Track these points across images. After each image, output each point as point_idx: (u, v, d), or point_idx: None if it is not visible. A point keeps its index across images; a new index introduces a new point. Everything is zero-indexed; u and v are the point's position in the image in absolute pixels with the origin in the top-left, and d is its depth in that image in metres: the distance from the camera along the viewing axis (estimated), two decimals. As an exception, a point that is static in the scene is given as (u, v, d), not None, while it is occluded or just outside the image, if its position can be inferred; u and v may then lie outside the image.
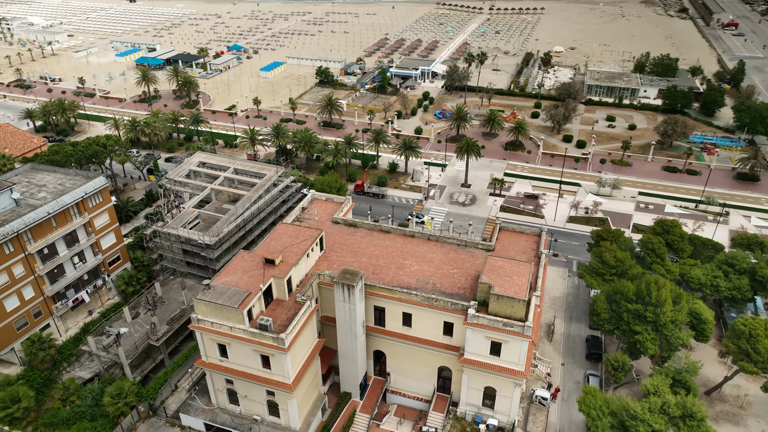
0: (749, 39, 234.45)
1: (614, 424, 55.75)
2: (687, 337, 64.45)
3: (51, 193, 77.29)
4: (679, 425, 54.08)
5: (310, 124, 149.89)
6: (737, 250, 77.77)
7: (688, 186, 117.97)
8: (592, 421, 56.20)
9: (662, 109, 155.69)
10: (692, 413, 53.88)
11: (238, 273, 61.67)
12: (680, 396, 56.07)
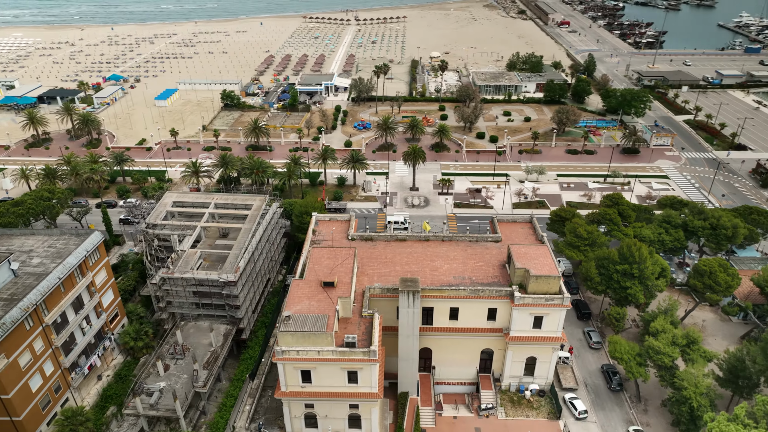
0: (582, 34, 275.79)
1: (641, 362, 68.99)
2: (663, 284, 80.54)
3: (47, 257, 71.09)
4: (687, 351, 68.74)
5: (236, 150, 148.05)
6: (666, 209, 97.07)
7: (590, 164, 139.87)
8: (625, 363, 68.77)
9: (544, 100, 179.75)
10: (694, 339, 68.91)
11: (304, 300, 64.10)
12: (680, 329, 71.07)
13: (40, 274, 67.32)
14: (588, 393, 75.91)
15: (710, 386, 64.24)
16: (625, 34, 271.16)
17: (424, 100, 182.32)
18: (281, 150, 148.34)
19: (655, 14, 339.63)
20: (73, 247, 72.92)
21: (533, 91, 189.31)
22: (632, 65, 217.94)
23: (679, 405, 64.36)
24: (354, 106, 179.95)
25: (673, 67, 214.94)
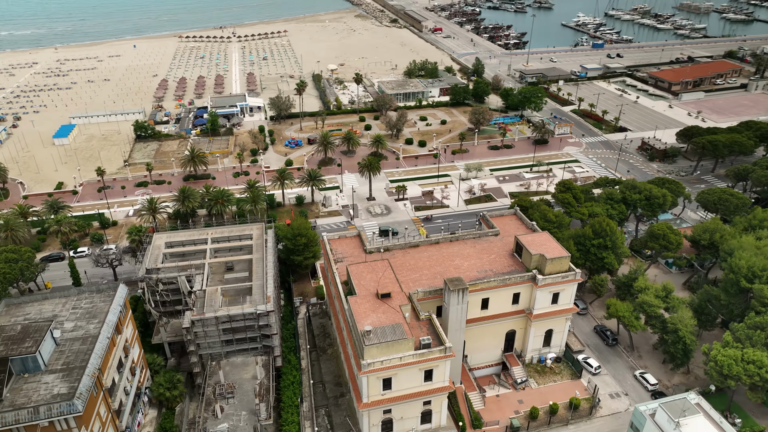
0: (456, 39, 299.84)
1: (637, 315, 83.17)
2: (627, 251, 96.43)
3: (79, 319, 66.38)
4: (666, 300, 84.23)
5: (173, 182, 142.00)
6: (604, 189, 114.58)
7: (512, 157, 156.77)
8: (626, 319, 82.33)
9: (450, 103, 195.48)
10: (670, 291, 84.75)
11: (370, 314, 68.14)
12: (660, 284, 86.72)
13: (85, 338, 63.23)
14: (592, 352, 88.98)
15: (695, 325, 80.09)
16: (493, 37, 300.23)
17: (343, 112, 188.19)
18: (221, 176, 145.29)
19: (506, 17, 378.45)
20: (102, 304, 68.91)
21: (438, 96, 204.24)
22: (510, 65, 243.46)
23: (674, 344, 79.23)
24: (275, 124, 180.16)
25: (547, 65, 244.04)
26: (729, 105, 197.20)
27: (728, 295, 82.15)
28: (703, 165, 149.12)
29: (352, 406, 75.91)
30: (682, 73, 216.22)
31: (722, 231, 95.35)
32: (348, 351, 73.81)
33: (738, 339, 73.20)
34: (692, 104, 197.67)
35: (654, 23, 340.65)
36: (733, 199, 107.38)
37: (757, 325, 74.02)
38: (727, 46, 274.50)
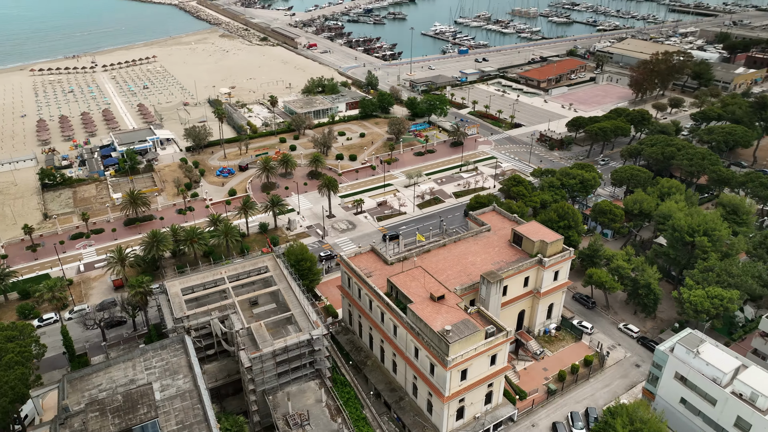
0: (334, 53, 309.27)
1: (615, 277, 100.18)
2: (584, 228, 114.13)
3: (163, 377, 63.75)
4: (631, 262, 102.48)
5: (111, 226, 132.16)
6: (542, 178, 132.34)
7: (437, 160, 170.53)
8: (607, 282, 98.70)
9: (360, 116, 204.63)
10: (631, 254, 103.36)
11: (437, 316, 75.03)
12: (623, 250, 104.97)
13: (182, 394, 61.49)
14: (578, 316, 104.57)
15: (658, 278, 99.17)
16: (368, 50, 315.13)
17: (261, 135, 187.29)
18: (167, 214, 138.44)
19: (366, 29, 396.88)
20: (175, 359, 66.86)
21: (345, 111, 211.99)
22: (399, 75, 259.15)
23: (647, 296, 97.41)
24: (195, 155, 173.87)
25: (430, 73, 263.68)
26: (588, 96, 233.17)
27: (675, 250, 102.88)
28: (594, 149, 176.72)
29: (415, 406, 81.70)
30: (545, 72, 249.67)
31: (647, 200, 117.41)
32: (407, 355, 79.69)
33: (697, 281, 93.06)
34: (561, 98, 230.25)
35: (500, 29, 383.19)
36: (641, 174, 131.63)
37: (707, 269, 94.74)
38: (565, 45, 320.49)
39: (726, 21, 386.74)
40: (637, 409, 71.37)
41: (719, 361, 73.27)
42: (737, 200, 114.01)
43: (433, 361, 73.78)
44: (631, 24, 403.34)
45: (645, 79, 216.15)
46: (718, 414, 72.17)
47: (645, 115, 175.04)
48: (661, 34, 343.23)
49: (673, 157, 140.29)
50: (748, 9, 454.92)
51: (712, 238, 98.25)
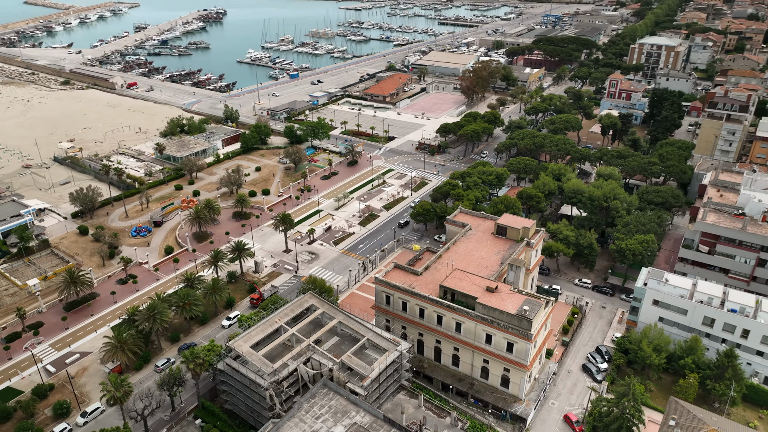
0: (162, 90, 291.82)
1: (565, 245, 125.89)
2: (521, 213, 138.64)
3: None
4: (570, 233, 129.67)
5: (51, 315, 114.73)
6: (467, 178, 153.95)
7: (345, 181, 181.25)
8: (562, 251, 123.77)
9: (242, 151, 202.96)
10: (567, 225, 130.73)
11: (503, 302, 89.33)
12: (561, 224, 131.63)
13: (372, 425, 65.42)
14: (544, 283, 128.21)
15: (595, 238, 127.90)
16: (198, 83, 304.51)
17: (153, 185, 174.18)
18: (107, 288, 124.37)
19: (172, 61, 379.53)
20: (334, 401, 69.14)
21: (222, 147, 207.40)
22: (255, 105, 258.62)
23: (590, 254, 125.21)
24: (88, 220, 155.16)
25: (281, 100, 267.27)
26: (429, 104, 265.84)
27: (595, 215, 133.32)
28: (467, 149, 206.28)
29: (488, 387, 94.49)
30: (386, 87, 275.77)
31: (549, 182, 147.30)
32: (476, 344, 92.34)
33: (623, 234, 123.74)
34: (408, 109, 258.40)
35: (311, 51, 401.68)
36: (531, 163, 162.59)
37: (625, 224, 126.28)
38: (381, 61, 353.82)
39: (488, 30, 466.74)
40: (647, 332, 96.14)
41: (681, 283, 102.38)
42: (611, 170, 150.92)
43: (512, 339, 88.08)
44: (413, 37, 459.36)
45: (474, 85, 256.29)
46: (689, 320, 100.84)
47: (497, 115, 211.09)
48: (450, 45, 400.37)
49: (543, 146, 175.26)
50: (494, 19, 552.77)
51: (621, 201, 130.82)
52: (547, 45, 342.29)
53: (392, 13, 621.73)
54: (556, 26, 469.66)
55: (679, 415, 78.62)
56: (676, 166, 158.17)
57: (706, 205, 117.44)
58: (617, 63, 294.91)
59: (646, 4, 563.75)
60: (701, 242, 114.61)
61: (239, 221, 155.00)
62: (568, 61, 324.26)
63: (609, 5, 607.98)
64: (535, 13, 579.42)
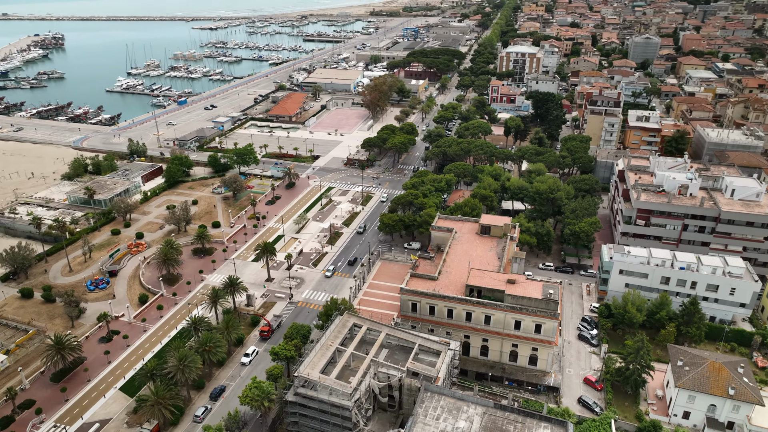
0: (36, 130, 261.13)
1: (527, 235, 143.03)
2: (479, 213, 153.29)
3: None
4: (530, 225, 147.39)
5: (39, 390, 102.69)
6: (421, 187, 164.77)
7: (291, 204, 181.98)
8: (529, 238, 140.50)
9: (169, 185, 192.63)
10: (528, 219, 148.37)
11: (526, 291, 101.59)
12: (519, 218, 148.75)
13: None
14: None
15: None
16: (76, 117, 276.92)
17: (84, 233, 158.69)
18: (91, 350, 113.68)
19: (23, 94, 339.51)
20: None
21: (142, 184, 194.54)
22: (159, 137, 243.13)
23: (547, 241, 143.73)
24: (23, 282, 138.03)
25: (179, 129, 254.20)
26: (336, 121, 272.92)
27: (542, 206, 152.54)
28: (395, 160, 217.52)
29: (518, 368, 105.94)
30: (289, 108, 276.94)
31: (493, 183, 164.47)
32: (505, 332, 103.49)
33: (572, 219, 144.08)
34: (318, 126, 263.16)
35: (187, 74, 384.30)
36: (468, 167, 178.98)
37: (572, 210, 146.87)
38: (266, 81, 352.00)
39: (357, 45, 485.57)
40: (627, 297, 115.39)
41: (639, 253, 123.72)
42: (538, 165, 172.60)
43: (540, 321, 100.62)
44: (286, 55, 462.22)
45: (377, 99, 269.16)
46: (650, 282, 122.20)
47: (413, 126, 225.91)
48: (328, 61, 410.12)
49: (470, 150, 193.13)
50: (356, 34, 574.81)
51: (563, 192, 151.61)
52: (421, 57, 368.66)
53: (252, 32, 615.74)
54: (417, 38, 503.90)
55: (682, 357, 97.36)
56: (584, 157, 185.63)
57: (635, 187, 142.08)
58: (492, 71, 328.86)
59: (486, 15, 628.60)
60: (638, 217, 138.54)
61: (202, 257, 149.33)
62: (446, 71, 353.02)
63: (453, 17, 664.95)
64: (389, 26, 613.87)
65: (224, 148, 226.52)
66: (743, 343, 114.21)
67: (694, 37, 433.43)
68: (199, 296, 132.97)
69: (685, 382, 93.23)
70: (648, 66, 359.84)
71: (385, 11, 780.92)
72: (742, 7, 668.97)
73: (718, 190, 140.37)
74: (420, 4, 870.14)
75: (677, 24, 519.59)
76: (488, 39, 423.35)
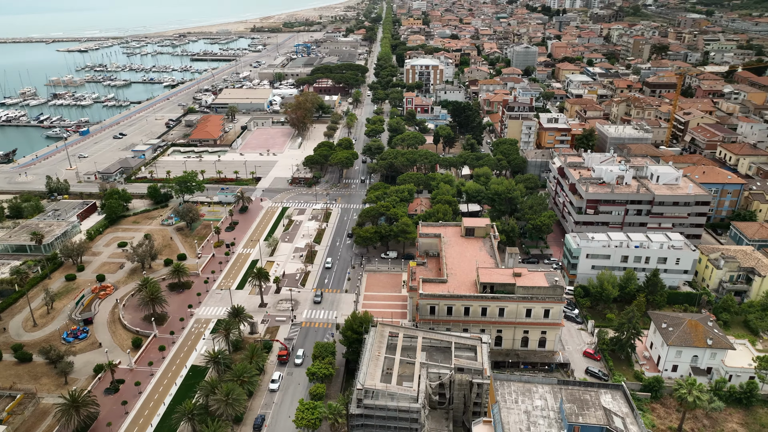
0: None
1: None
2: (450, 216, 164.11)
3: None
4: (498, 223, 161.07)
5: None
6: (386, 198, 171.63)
7: (251, 228, 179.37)
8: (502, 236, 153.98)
9: (109, 222, 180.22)
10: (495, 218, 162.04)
11: (532, 281, 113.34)
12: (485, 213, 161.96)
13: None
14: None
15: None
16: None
17: (34, 283, 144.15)
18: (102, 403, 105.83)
19: None
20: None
21: (78, 222, 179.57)
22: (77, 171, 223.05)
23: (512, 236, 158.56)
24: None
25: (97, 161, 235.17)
26: (263, 140, 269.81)
27: (501, 205, 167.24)
28: (340, 175, 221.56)
29: (529, 351, 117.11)
30: (211, 131, 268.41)
31: (449, 188, 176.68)
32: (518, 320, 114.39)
33: (531, 215, 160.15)
34: (247, 147, 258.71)
35: (74, 102, 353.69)
36: (422, 176, 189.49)
37: (530, 207, 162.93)
38: (169, 105, 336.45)
39: (252, 63, 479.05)
40: (602, 276, 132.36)
41: (601, 237, 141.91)
42: (485, 170, 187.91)
43: (549, 306, 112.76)
44: (180, 77, 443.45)
45: (303, 117, 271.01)
46: (612, 261, 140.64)
47: (350, 141, 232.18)
48: (228, 81, 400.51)
49: (416, 160, 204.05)
50: (245, 52, 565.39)
51: (517, 191, 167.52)
52: (328, 73, 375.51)
53: (129, 53, 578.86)
54: (311, 54, 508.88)
55: (665, 320, 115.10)
56: (517, 158, 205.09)
57: (581, 181, 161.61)
58: (399, 83, 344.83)
59: (370, 30, 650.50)
60: (587, 207, 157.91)
61: (180, 292, 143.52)
62: (354, 85, 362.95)
63: (337, 32, 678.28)
64: (276, 43, 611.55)
65: (156, 178, 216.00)
66: (691, 303, 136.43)
67: (561, 45, 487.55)
68: (195, 331, 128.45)
69: (673, 340, 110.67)
70: (531, 72, 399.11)
71: (266, 27, 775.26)
72: (587, 17, 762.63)
73: (645, 177, 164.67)
74: (299, 19, 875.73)
75: (542, 33, 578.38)
76: (385, 53, 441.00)
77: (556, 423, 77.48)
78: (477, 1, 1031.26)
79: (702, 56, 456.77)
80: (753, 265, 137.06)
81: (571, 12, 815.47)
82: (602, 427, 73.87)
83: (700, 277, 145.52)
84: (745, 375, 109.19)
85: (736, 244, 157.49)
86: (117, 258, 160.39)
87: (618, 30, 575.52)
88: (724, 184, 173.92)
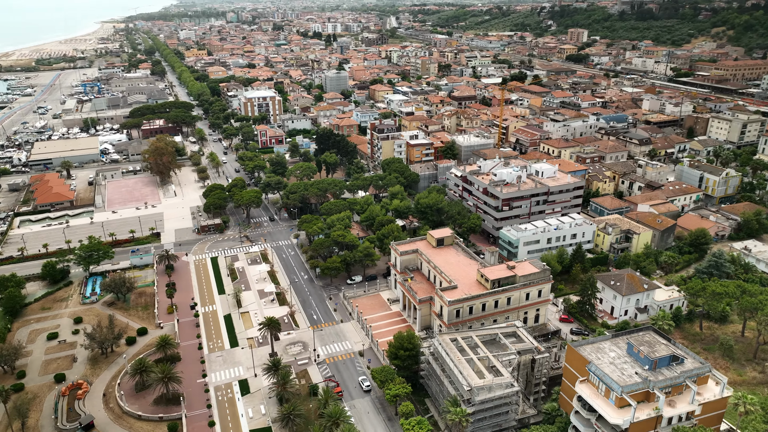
0: None
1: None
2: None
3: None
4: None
5: None
6: (337, 232, 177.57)
7: (191, 282, 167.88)
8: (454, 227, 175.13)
9: (9, 318, 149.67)
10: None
11: (527, 270, 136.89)
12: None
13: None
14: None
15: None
16: None
17: None
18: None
19: None
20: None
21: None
22: None
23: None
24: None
25: None
26: (125, 194, 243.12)
27: (432, 216, 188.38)
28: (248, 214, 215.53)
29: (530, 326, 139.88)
30: (61, 192, 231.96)
31: (375, 209, 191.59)
32: (521, 304, 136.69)
33: (461, 220, 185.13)
34: (116, 204, 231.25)
35: None
36: (344, 202, 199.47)
37: (458, 212, 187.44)
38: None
39: (33, 110, 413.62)
40: (546, 257, 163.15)
41: (530, 227, 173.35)
42: (397, 188, 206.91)
43: (541, 287, 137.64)
44: None
45: (168, 162, 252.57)
46: (541, 245, 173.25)
47: (243, 180, 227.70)
48: (22, 132, 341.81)
49: (327, 189, 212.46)
50: (16, 97, 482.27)
51: (444, 202, 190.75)
52: (150, 114, 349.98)
53: None
54: (103, 93, 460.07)
55: (612, 278, 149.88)
56: (411, 174, 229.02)
57: (493, 185, 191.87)
58: (245, 116, 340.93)
59: (156, 63, 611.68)
60: (503, 205, 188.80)
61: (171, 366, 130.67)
62: (187, 124, 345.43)
63: (113, 68, 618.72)
64: (43, 84, 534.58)
65: (28, 254, 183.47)
66: (603, 264, 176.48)
67: (359, 69, 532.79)
68: (223, 398, 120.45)
69: (625, 290, 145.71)
70: (349, 96, 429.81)
71: (17, 67, 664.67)
72: (359, 41, 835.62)
73: (532, 174, 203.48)
74: (53, 55, 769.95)
75: (328, 58, 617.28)
76: (199, 87, 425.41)
77: (636, 363, 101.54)
78: (243, 29, 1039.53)
79: (472, 71, 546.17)
80: (628, 227, 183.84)
81: (344, 36, 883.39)
82: (670, 355, 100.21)
83: (595, 244, 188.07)
84: (668, 305, 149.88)
85: (599, 216, 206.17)
86: (57, 352, 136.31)
87: (396, 52, 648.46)
88: (575, 171, 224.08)
